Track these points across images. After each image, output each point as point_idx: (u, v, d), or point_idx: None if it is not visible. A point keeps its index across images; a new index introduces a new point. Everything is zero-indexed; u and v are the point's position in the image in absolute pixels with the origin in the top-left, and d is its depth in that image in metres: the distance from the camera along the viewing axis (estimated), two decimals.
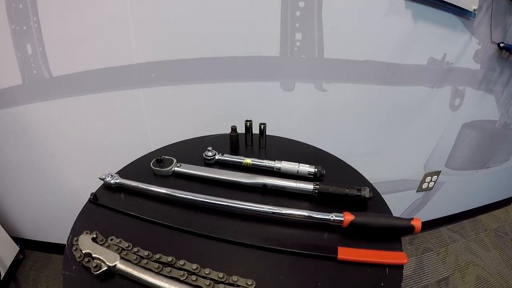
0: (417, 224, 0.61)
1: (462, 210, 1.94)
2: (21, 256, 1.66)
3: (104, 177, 0.75)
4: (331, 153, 0.89)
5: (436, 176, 1.63)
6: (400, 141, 1.42)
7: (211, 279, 0.54)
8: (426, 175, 1.61)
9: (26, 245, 1.71)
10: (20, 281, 1.59)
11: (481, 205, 1.98)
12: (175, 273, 0.54)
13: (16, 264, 1.63)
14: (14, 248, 1.60)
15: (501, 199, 2.02)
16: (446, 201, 1.80)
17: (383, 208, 0.71)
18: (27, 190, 1.44)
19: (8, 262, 1.53)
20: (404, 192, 1.66)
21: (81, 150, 1.26)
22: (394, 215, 0.67)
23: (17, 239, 1.64)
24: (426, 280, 1.65)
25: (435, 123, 1.41)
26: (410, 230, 0.61)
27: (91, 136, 1.22)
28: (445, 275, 1.67)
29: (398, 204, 1.73)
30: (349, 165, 0.84)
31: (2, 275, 1.43)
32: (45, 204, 1.49)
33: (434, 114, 1.36)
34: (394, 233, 0.63)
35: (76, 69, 1.06)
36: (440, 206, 1.83)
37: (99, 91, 1.10)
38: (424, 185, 1.66)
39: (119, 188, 0.75)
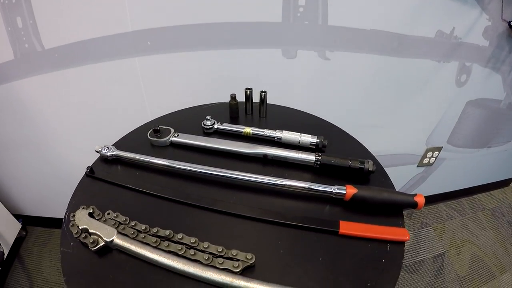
0: (420, 200, 0.59)
1: (461, 188, 1.95)
2: (24, 233, 1.68)
3: (100, 149, 0.73)
4: (333, 123, 0.86)
5: (438, 152, 1.62)
6: (403, 115, 1.39)
7: (209, 253, 0.53)
8: (427, 151, 1.59)
9: (28, 222, 1.72)
10: (24, 258, 1.62)
11: (480, 184, 1.99)
12: (173, 247, 0.53)
13: (19, 241, 1.65)
14: (16, 226, 1.61)
15: (500, 179, 2.03)
16: (445, 177, 1.80)
17: (386, 182, 0.69)
18: (26, 166, 1.43)
19: (11, 240, 1.55)
20: (405, 166, 1.65)
21: (77, 123, 1.24)
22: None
23: (19, 216, 1.65)
24: (422, 255, 1.67)
25: (440, 98, 1.38)
26: (413, 206, 0.60)
27: (87, 108, 1.20)
28: (441, 251, 1.70)
29: (398, 178, 1.73)
30: (352, 136, 0.81)
31: (6, 253, 1.45)
32: (44, 180, 1.49)
33: (439, 89, 1.33)
34: (396, 209, 0.62)
35: (68, 40, 1.02)
36: (440, 182, 1.83)
37: (93, 62, 1.06)
38: (425, 161, 1.65)
39: (115, 160, 0.73)
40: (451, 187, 1.93)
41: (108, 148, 0.73)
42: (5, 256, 1.38)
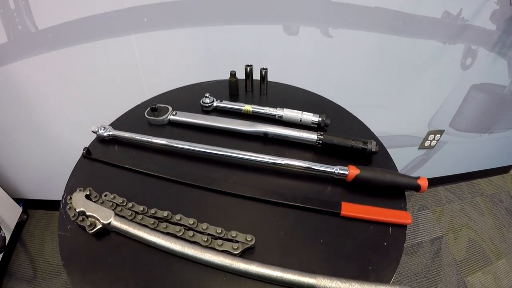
0: (423, 183, 0.58)
1: (461, 172, 1.96)
2: (25, 217, 1.69)
3: (96, 130, 0.71)
4: (336, 102, 0.84)
5: (439, 135, 1.61)
6: (406, 96, 1.37)
7: (208, 234, 0.52)
8: (429, 133, 1.59)
9: (29, 205, 1.73)
10: (26, 241, 1.63)
11: (480, 169, 1.99)
12: (171, 228, 0.53)
13: (20, 225, 1.65)
14: (17, 210, 1.61)
15: (500, 166, 2.03)
16: (446, 161, 1.80)
17: (389, 163, 0.68)
18: (24, 150, 1.42)
19: (12, 224, 1.55)
20: (405, 148, 1.65)
21: (74, 104, 1.23)
22: None
23: (19, 200, 1.65)
24: (420, 238, 1.69)
25: (444, 80, 1.36)
26: (416, 189, 0.59)
27: (83, 89, 1.18)
28: (439, 234, 1.71)
29: (398, 160, 1.71)
30: (354, 116, 0.80)
31: (8, 238, 1.45)
32: (43, 163, 1.48)
33: (443, 71, 1.31)
34: (399, 191, 0.61)
35: (62, 19, 0.99)
36: (440, 165, 1.83)
37: (88, 41, 1.04)
38: (427, 143, 1.64)
39: (112, 140, 0.72)
40: (451, 171, 1.93)
41: (105, 128, 0.71)
42: (7, 241, 1.39)
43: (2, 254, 1.38)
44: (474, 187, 2.00)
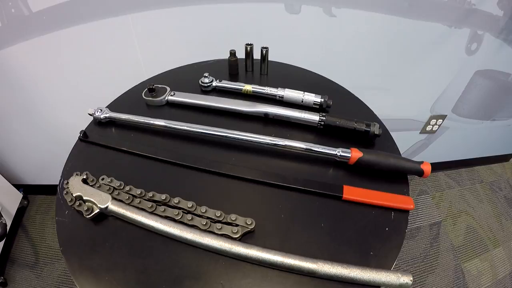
0: (427, 168, 0.57)
1: (461, 158, 1.96)
2: (26, 202, 1.69)
3: (93, 112, 0.70)
4: (338, 83, 0.83)
5: (441, 120, 1.60)
6: (409, 79, 1.36)
7: (207, 218, 0.51)
8: (431, 118, 1.58)
9: (29, 191, 1.73)
10: (27, 227, 1.64)
11: (481, 156, 2.00)
12: (170, 212, 0.52)
13: (21, 211, 1.66)
14: (18, 196, 1.61)
15: (500, 154, 2.04)
16: (447, 147, 1.80)
17: (392, 147, 0.67)
18: (22, 135, 1.42)
19: (13, 210, 1.55)
20: (407, 132, 1.65)
21: (71, 87, 1.21)
22: None
23: (19, 186, 1.65)
24: (419, 222, 1.71)
25: (448, 65, 1.34)
26: (419, 173, 0.58)
27: (80, 71, 1.16)
28: (438, 219, 1.72)
29: (399, 144, 1.72)
30: (357, 97, 0.78)
31: (9, 224, 1.45)
32: (41, 148, 1.47)
33: (448, 55, 1.29)
34: (401, 175, 0.60)
35: (56, 0, 0.96)
36: (441, 151, 1.83)
37: (84, 22, 1.01)
38: (428, 128, 1.64)
39: (110, 123, 0.71)
40: (452, 156, 1.94)
41: (101, 110, 0.70)
42: (8, 228, 1.39)
43: (3, 241, 1.38)
44: (474, 174, 2.00)
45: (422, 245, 1.59)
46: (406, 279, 0.45)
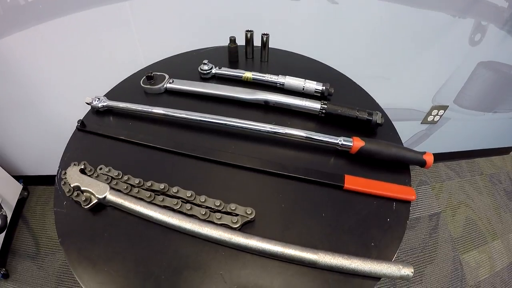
0: (429, 159, 0.57)
1: (462, 150, 1.95)
2: (26, 193, 1.68)
3: (90, 101, 0.69)
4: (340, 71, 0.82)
5: (443, 111, 1.59)
6: (412, 68, 1.34)
7: (207, 207, 0.51)
8: (433, 108, 1.57)
9: (29, 182, 1.72)
10: (28, 218, 1.63)
11: (481, 148, 1.99)
12: (168, 201, 0.51)
13: (21, 202, 1.65)
14: (18, 187, 1.61)
15: (501, 146, 2.03)
16: (448, 138, 1.79)
17: (394, 136, 0.66)
18: (21, 126, 1.40)
19: (13, 202, 1.55)
20: (408, 122, 1.63)
21: (69, 77, 1.20)
22: None
23: (19, 178, 1.64)
24: (419, 213, 1.71)
25: (451, 55, 1.32)
26: (421, 164, 0.58)
27: (77, 60, 1.14)
28: (437, 210, 1.73)
29: (400, 134, 1.72)
30: (359, 86, 0.77)
31: (9, 216, 1.44)
32: (40, 138, 1.47)
33: (451, 45, 1.27)
34: (403, 166, 0.59)
35: None
36: (441, 142, 1.82)
37: (80, 9, 0.99)
38: (430, 118, 1.62)
39: (107, 111, 0.70)
40: (452, 147, 1.93)
41: (99, 99, 0.69)
42: (8, 220, 1.39)
43: (4, 232, 1.38)
44: (474, 166, 2.00)
45: (421, 236, 1.60)
46: (407, 271, 0.44)
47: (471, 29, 1.22)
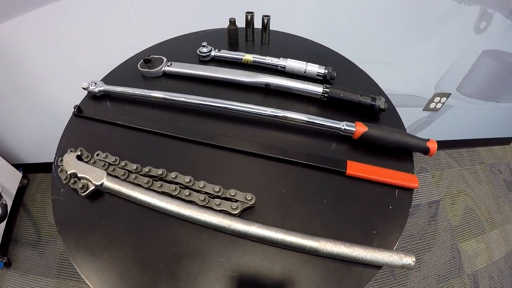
0: (432, 146, 0.56)
1: (463, 138, 1.95)
2: (26, 181, 1.68)
3: (87, 86, 0.68)
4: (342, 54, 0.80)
5: (446, 98, 1.58)
6: (415, 54, 1.32)
7: (206, 193, 0.50)
8: (435, 95, 1.56)
9: (29, 169, 1.72)
10: (28, 206, 1.64)
11: (482, 137, 1.99)
12: (166, 187, 0.51)
13: (21, 190, 1.65)
14: (17, 175, 1.60)
15: (502, 136, 2.02)
16: (449, 125, 1.79)
17: (397, 122, 0.65)
18: (19, 114, 1.39)
19: (13, 190, 1.55)
20: (410, 108, 1.62)
21: (66, 63, 1.18)
22: None
23: (18, 166, 1.64)
24: (418, 200, 1.71)
25: (456, 42, 1.31)
26: (424, 151, 0.56)
27: (74, 45, 1.12)
28: (437, 198, 1.73)
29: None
30: (362, 70, 0.75)
31: (10, 205, 1.44)
32: (39, 126, 1.46)
33: (456, 32, 1.25)
34: (406, 152, 0.58)
35: None
36: (443, 129, 1.82)
37: None
38: (432, 105, 1.62)
39: (104, 96, 0.69)
40: (453, 135, 1.93)
41: (95, 83, 0.68)
42: (9, 208, 1.38)
43: (5, 221, 1.38)
44: (475, 155, 2.00)
45: (420, 223, 1.60)
46: (409, 260, 0.44)
47: (476, 16, 1.20)
